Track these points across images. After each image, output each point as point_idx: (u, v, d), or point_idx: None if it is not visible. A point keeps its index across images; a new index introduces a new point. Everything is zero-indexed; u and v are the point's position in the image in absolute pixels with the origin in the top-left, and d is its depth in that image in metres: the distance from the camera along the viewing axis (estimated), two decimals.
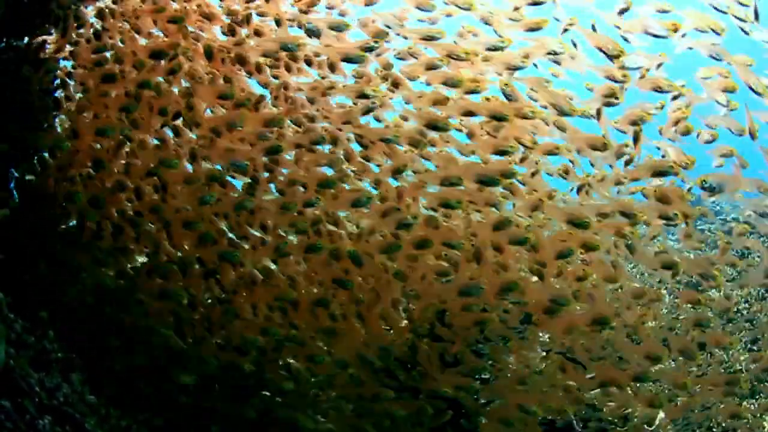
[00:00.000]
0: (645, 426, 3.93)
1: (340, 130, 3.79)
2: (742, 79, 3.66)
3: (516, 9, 3.66)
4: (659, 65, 3.66)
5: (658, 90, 3.63)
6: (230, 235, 3.77)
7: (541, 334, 4.02)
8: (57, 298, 3.66)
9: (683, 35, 3.52)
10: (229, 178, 3.80)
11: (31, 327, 3.08)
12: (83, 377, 3.15)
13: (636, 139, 3.72)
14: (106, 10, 3.93)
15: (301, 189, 3.75)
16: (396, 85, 3.81)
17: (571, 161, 3.92)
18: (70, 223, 3.84)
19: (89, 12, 4.03)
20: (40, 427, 2.65)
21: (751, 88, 3.57)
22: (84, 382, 3.14)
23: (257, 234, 3.77)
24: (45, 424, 2.69)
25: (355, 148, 3.88)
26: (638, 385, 3.85)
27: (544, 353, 3.99)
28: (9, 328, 2.90)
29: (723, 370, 4.69)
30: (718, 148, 3.93)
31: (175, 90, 3.84)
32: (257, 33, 3.88)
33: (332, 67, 3.78)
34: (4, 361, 2.62)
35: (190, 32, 3.86)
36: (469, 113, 3.61)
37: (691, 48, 3.61)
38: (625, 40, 3.64)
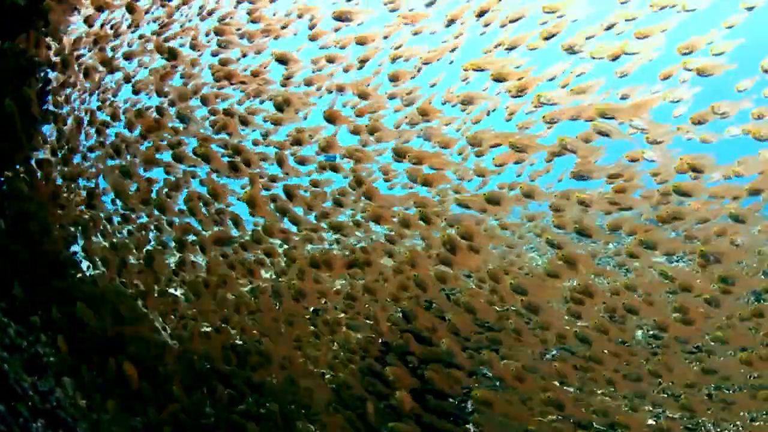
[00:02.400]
0: None
1: None
2: None
3: None
4: None
5: None
6: None
7: None
8: None
9: None
10: None
11: (24, 331, 3.07)
12: (76, 381, 3.14)
13: None
14: None
15: None
16: None
17: None
18: None
19: None
20: (34, 430, 2.64)
21: None
22: (76, 387, 3.13)
23: None
24: (38, 427, 2.68)
25: None
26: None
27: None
28: (2, 332, 2.90)
29: None
30: None
31: None
32: None
33: None
34: None
35: None
36: None
37: None
38: None
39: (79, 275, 4.43)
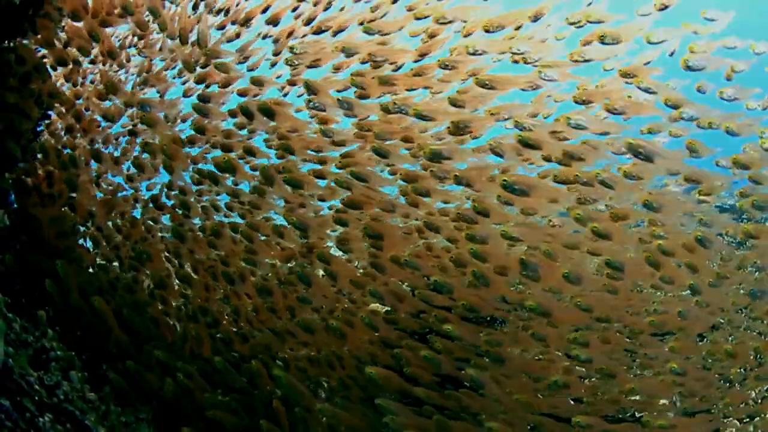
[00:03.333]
0: None
1: None
2: None
3: None
4: None
5: None
6: None
7: None
8: None
9: None
10: None
11: (30, 326, 3.10)
12: (83, 375, 3.17)
13: None
14: None
15: None
16: None
17: None
18: None
19: None
20: (41, 425, 2.67)
21: None
22: (84, 380, 3.15)
23: None
24: (45, 422, 2.70)
25: None
26: None
27: None
28: (8, 328, 2.92)
29: None
30: None
31: None
32: None
33: None
34: (2, 359, 2.64)
35: None
36: None
37: None
38: None
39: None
